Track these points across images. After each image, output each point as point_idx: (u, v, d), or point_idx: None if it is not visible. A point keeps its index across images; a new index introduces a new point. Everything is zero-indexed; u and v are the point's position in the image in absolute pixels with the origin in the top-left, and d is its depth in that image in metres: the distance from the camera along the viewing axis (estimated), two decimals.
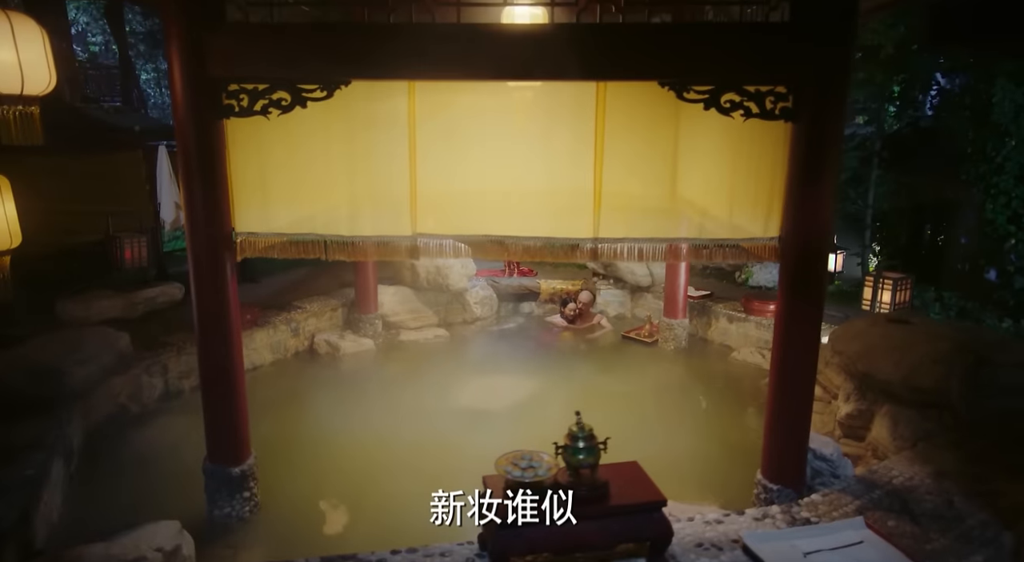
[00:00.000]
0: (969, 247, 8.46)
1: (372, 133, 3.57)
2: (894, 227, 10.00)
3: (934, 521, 3.16)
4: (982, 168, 7.80)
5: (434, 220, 3.63)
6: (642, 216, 3.59)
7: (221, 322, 3.61)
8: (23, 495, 3.40)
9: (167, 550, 3.22)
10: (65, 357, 4.64)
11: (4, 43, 2.82)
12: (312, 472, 4.42)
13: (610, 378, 6.23)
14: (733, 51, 3.23)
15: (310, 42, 3.29)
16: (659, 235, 3.59)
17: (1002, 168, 7.54)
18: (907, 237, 9.82)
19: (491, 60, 3.24)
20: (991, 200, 7.65)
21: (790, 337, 3.57)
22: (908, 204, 9.46)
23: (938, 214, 9.36)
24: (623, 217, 3.58)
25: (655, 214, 3.60)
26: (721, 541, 3.00)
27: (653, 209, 3.60)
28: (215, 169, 3.46)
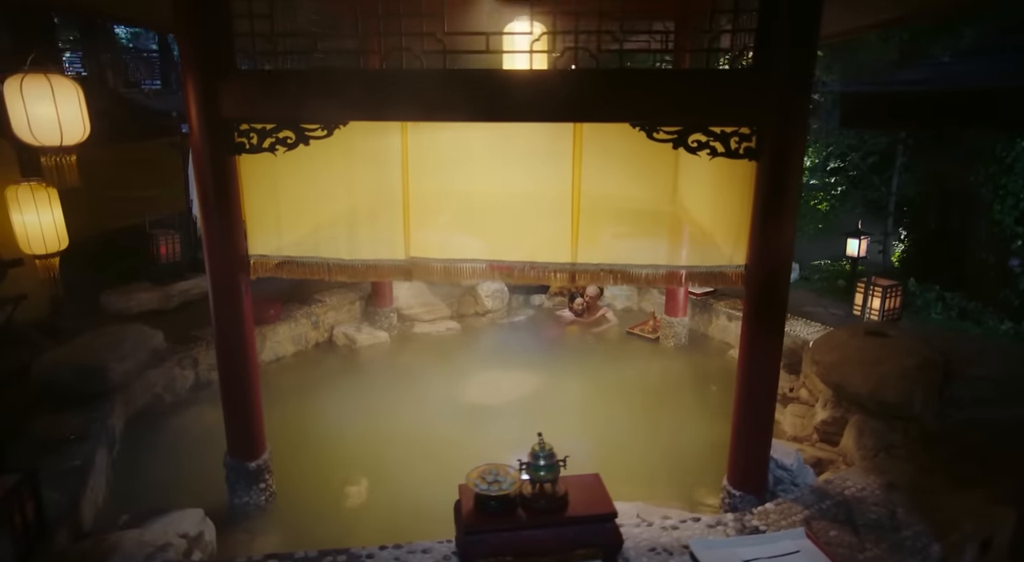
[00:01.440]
0: (977, 245, 8.45)
1: (369, 166, 3.91)
2: (919, 214, 9.96)
3: (873, 531, 3.46)
4: (991, 169, 7.76)
5: (426, 245, 3.98)
6: (617, 243, 3.88)
7: (237, 336, 4.04)
8: (73, 483, 3.93)
9: (191, 536, 3.73)
10: (107, 355, 5.17)
11: (45, 102, 3.23)
12: (326, 461, 4.89)
13: (611, 374, 6.55)
14: (699, 96, 3.45)
15: (310, 88, 3.61)
16: (633, 261, 3.88)
17: (1012, 169, 7.49)
18: (932, 224, 9.76)
19: (474, 103, 3.52)
20: (999, 201, 7.63)
21: (753, 355, 3.85)
22: (933, 191, 9.41)
23: (959, 203, 9.30)
24: (599, 244, 3.87)
25: (629, 242, 3.88)
26: (673, 546, 3.35)
27: (627, 237, 3.88)
28: (229, 199, 3.84)
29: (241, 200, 3.90)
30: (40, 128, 3.30)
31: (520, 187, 3.89)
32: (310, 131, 3.66)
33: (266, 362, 6.54)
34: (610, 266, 3.89)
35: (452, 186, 3.91)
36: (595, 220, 3.85)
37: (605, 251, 3.88)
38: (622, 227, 3.89)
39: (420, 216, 3.95)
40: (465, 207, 3.94)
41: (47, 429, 4.49)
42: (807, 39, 3.36)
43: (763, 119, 3.43)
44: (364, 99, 3.56)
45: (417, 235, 3.97)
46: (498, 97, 3.49)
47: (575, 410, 5.85)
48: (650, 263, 3.88)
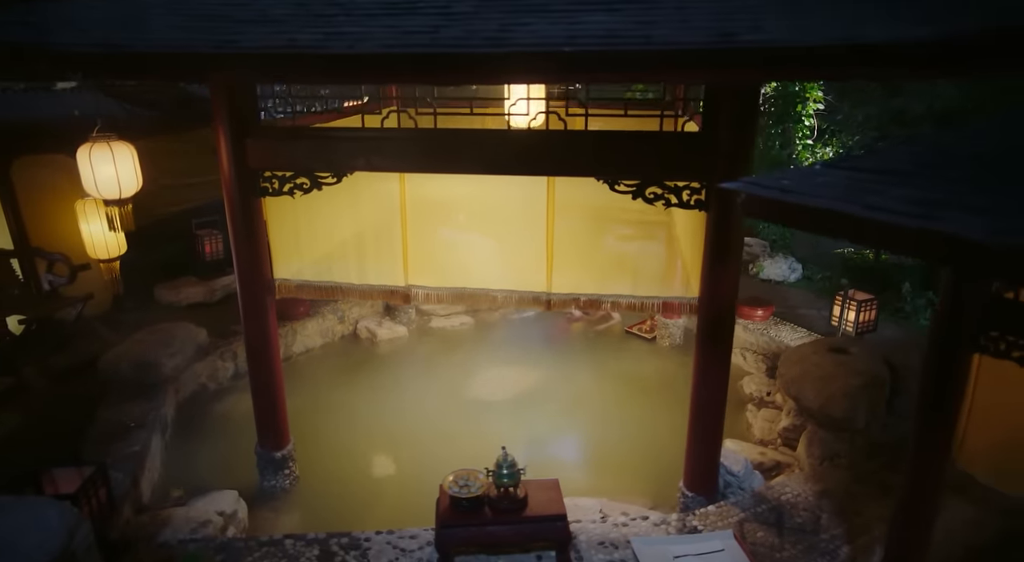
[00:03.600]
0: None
1: (373, 207, 4.53)
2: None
3: (795, 534, 4.02)
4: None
5: (422, 274, 4.60)
6: (585, 276, 4.43)
7: (264, 348, 4.78)
8: (133, 466, 4.76)
9: (228, 514, 4.53)
10: (160, 351, 6.00)
11: (107, 163, 3.95)
12: (344, 447, 5.65)
13: (608, 371, 7.12)
14: (654, 155, 3.94)
15: (321, 144, 4.23)
16: (599, 292, 4.43)
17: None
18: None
19: (460, 159, 4.09)
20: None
21: (704, 374, 4.38)
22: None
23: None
24: (570, 277, 4.43)
25: (596, 275, 4.42)
26: (620, 541, 3.98)
27: (596, 270, 4.42)
28: (256, 233, 4.54)
29: (267, 233, 4.59)
30: (103, 184, 4.02)
31: (502, 227, 4.46)
32: (323, 178, 4.30)
33: (296, 354, 7.36)
34: (580, 295, 4.45)
35: (443, 224, 4.52)
36: (567, 256, 4.40)
37: (575, 282, 4.44)
38: (590, 262, 4.42)
39: (417, 249, 4.57)
40: (455, 243, 4.54)
41: (112, 417, 5.34)
42: (747, 113, 3.81)
43: (711, 175, 3.89)
44: (365, 155, 4.16)
45: (415, 265, 4.59)
46: (479, 154, 4.05)
47: (573, 406, 6.46)
48: (614, 293, 4.42)
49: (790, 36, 2.67)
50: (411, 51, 2.85)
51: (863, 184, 2.55)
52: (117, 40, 3.08)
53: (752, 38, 2.70)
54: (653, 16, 3.00)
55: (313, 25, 3.17)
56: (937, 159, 2.57)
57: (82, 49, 3.03)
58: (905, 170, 2.56)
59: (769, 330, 7.07)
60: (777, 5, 2.97)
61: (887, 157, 2.69)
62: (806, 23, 2.79)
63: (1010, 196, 2.16)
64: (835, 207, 2.43)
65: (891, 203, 2.34)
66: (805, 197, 2.57)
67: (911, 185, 2.44)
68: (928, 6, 2.75)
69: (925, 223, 2.18)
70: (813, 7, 2.92)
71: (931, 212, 2.22)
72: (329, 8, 3.34)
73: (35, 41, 3.09)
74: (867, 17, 2.76)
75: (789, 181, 2.76)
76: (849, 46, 2.57)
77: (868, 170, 2.65)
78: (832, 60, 2.66)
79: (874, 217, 2.30)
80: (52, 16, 3.34)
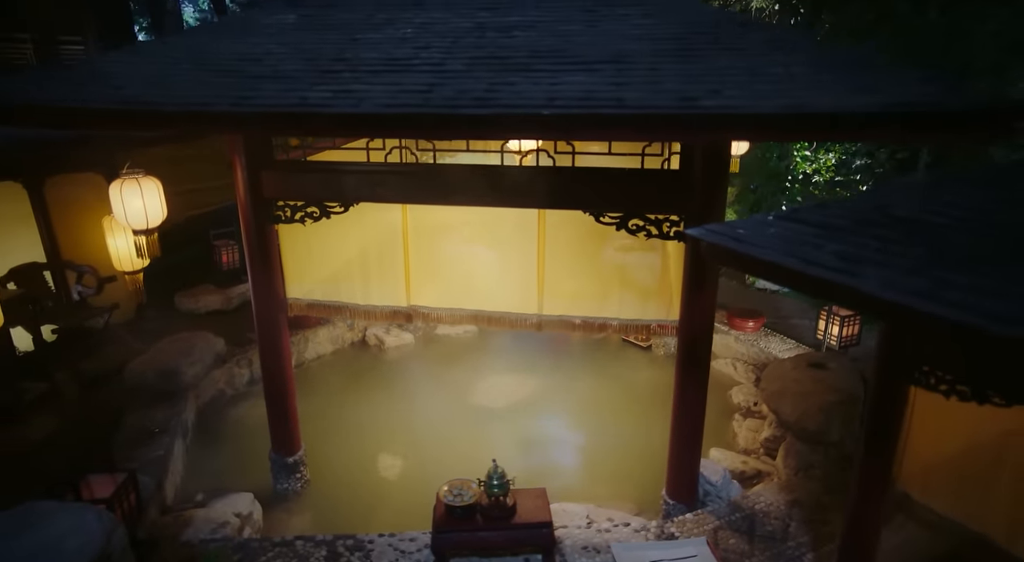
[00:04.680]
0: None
1: (378, 234, 4.89)
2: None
3: (765, 541, 4.34)
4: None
5: (423, 296, 4.96)
6: (575, 300, 4.76)
7: (278, 361, 5.16)
8: (158, 469, 5.17)
9: (244, 515, 4.93)
10: (181, 360, 6.42)
11: (136, 197, 4.34)
12: (353, 450, 6.03)
13: (604, 379, 7.45)
14: (637, 190, 4.26)
15: (330, 177, 4.58)
16: (587, 314, 4.76)
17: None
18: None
19: (457, 192, 4.43)
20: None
21: (684, 391, 4.70)
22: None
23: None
24: (560, 300, 4.77)
25: (584, 298, 4.75)
26: (602, 546, 4.32)
27: (582, 294, 4.75)
28: (271, 256, 4.91)
29: (280, 256, 4.97)
30: (132, 216, 4.41)
31: (496, 253, 4.80)
32: (331, 208, 4.66)
33: (308, 360, 7.77)
34: (569, 317, 4.79)
35: (442, 251, 4.86)
36: (556, 281, 4.74)
37: (565, 305, 4.78)
38: (578, 287, 4.75)
39: (418, 273, 4.92)
40: (453, 268, 4.89)
41: (138, 423, 5.76)
42: (719, 155, 4.12)
43: (688, 209, 4.21)
44: (370, 187, 4.51)
45: (416, 288, 4.95)
46: (474, 188, 4.39)
47: (569, 413, 6.80)
48: (601, 315, 4.75)
49: (743, 103, 2.98)
50: (407, 112, 3.19)
51: (805, 238, 2.87)
52: (147, 98, 3.45)
53: (711, 104, 3.02)
54: (628, 77, 3.32)
55: (322, 82, 3.52)
56: (872, 216, 2.88)
57: (116, 106, 3.40)
58: (843, 226, 2.87)
59: (760, 341, 7.37)
60: (739, 69, 3.28)
61: (830, 212, 3.00)
62: (762, 88, 3.10)
63: (920, 255, 2.46)
64: (778, 260, 2.76)
65: (825, 258, 2.67)
66: (754, 248, 2.90)
67: (845, 241, 2.76)
68: (868, 78, 3.04)
69: (848, 280, 2.51)
70: (770, 72, 3.23)
71: (854, 269, 2.54)
72: (336, 64, 3.70)
73: (75, 98, 3.47)
74: (815, 84, 3.07)
75: (744, 230, 3.09)
76: (794, 115, 2.87)
77: (812, 224, 2.97)
78: (779, 125, 2.98)
79: (807, 271, 2.64)
80: (90, 72, 3.72)
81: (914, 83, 2.96)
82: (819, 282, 2.59)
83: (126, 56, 3.94)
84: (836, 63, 3.20)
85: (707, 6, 4.09)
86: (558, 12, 4.13)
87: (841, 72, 3.14)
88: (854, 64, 3.19)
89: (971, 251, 2.46)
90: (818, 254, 2.71)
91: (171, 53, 3.95)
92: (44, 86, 3.60)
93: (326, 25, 4.22)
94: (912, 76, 3.02)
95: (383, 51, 3.80)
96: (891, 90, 2.94)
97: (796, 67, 3.23)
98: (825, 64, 3.21)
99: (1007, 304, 2.12)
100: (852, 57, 3.26)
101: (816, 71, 3.18)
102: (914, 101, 2.80)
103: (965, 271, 2.34)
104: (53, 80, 3.67)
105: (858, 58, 3.23)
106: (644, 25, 3.84)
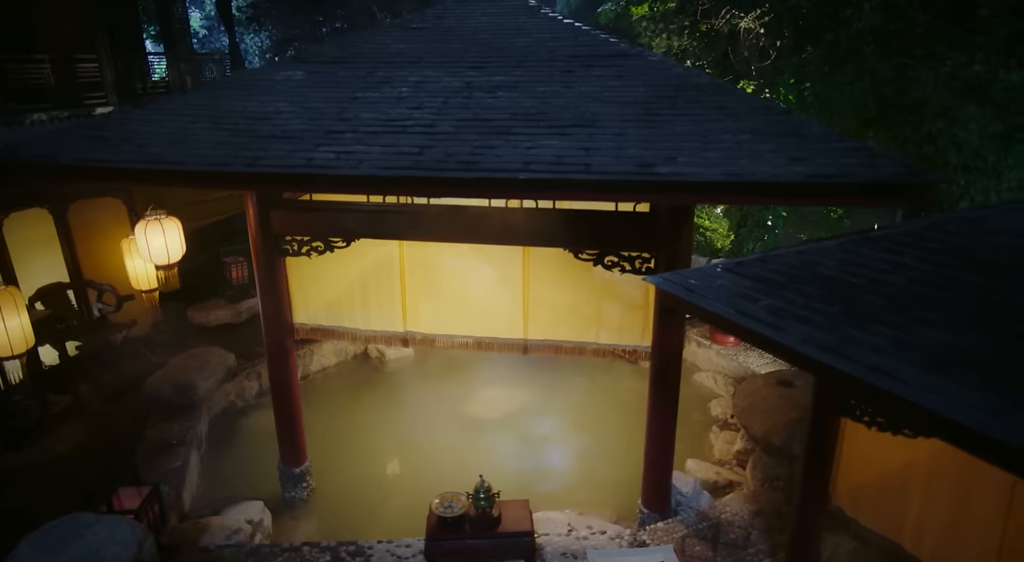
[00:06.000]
0: None
1: (376, 265, 5.34)
2: None
3: (727, 549, 4.78)
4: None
5: (418, 321, 5.42)
6: (557, 326, 5.21)
7: (286, 380, 5.62)
8: (177, 479, 5.64)
9: (255, 522, 5.40)
10: (195, 375, 6.90)
11: (159, 236, 4.81)
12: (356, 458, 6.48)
13: (591, 390, 7.91)
14: (611, 230, 4.69)
15: (333, 215, 5.03)
16: (568, 339, 5.21)
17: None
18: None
19: (448, 230, 4.88)
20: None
21: (655, 410, 5.13)
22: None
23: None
24: (544, 326, 5.22)
25: (566, 325, 5.19)
26: (579, 552, 4.77)
27: (564, 321, 5.19)
28: (279, 285, 5.37)
29: (288, 285, 5.42)
30: (155, 252, 4.89)
31: (485, 284, 5.25)
32: (334, 242, 5.11)
33: (313, 372, 8.23)
34: (552, 342, 5.24)
35: (436, 281, 5.31)
36: (540, 309, 5.19)
37: (548, 330, 5.23)
38: (560, 314, 5.19)
39: (413, 301, 5.38)
40: (446, 296, 5.33)
41: (157, 436, 6.24)
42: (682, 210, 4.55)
43: (658, 247, 4.64)
44: (369, 225, 4.96)
45: (412, 314, 5.41)
46: (463, 227, 4.83)
47: (557, 423, 7.25)
48: (581, 340, 5.20)
49: (692, 171, 3.42)
50: (401, 175, 3.64)
51: (745, 290, 3.32)
52: (172, 157, 3.91)
53: (665, 171, 3.46)
54: (596, 142, 3.76)
55: (326, 142, 3.97)
56: (802, 273, 3.31)
57: (147, 167, 3.86)
58: (778, 281, 3.31)
59: (739, 355, 7.79)
60: (693, 135, 3.71)
61: (768, 267, 3.44)
62: (710, 156, 3.53)
63: (834, 312, 2.89)
64: (720, 311, 3.22)
65: (758, 311, 3.12)
66: (701, 298, 3.36)
67: (777, 295, 3.20)
68: (803, 147, 3.47)
69: (774, 334, 2.96)
70: (720, 139, 3.66)
71: (780, 323, 2.99)
72: (339, 124, 4.15)
73: (102, 158, 3.93)
74: (756, 153, 3.49)
75: (695, 281, 3.54)
76: (733, 183, 3.31)
77: (752, 278, 3.42)
78: (722, 192, 3.42)
79: (743, 323, 3.09)
80: (116, 132, 4.18)
81: (840, 153, 3.38)
82: (752, 333, 3.04)
83: (151, 114, 4.39)
84: (776, 132, 3.63)
85: (672, 67, 4.50)
86: (538, 71, 4.56)
87: (780, 140, 3.57)
88: (792, 132, 3.61)
89: (870, 310, 2.89)
90: (753, 307, 3.16)
91: (191, 111, 4.40)
92: (78, 147, 4.06)
93: (330, 82, 4.67)
94: (840, 146, 3.44)
95: (380, 111, 4.24)
96: (819, 160, 3.36)
97: (743, 134, 3.66)
98: (767, 133, 3.63)
99: (889, 359, 2.57)
100: (791, 124, 3.69)
101: (758, 139, 3.61)
102: (835, 173, 3.23)
103: (864, 329, 2.78)
104: (88, 140, 4.13)
105: (796, 126, 3.65)
106: (614, 87, 4.27)
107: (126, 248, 6.90)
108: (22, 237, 7.11)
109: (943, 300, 2.80)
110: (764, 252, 3.68)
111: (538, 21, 5.27)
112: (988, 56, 5.63)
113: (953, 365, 2.46)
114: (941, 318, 2.71)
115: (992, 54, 5.58)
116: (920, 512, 3.36)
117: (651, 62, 4.55)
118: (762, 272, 3.41)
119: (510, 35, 5.04)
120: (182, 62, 14.86)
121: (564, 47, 4.80)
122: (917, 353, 2.57)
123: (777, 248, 3.80)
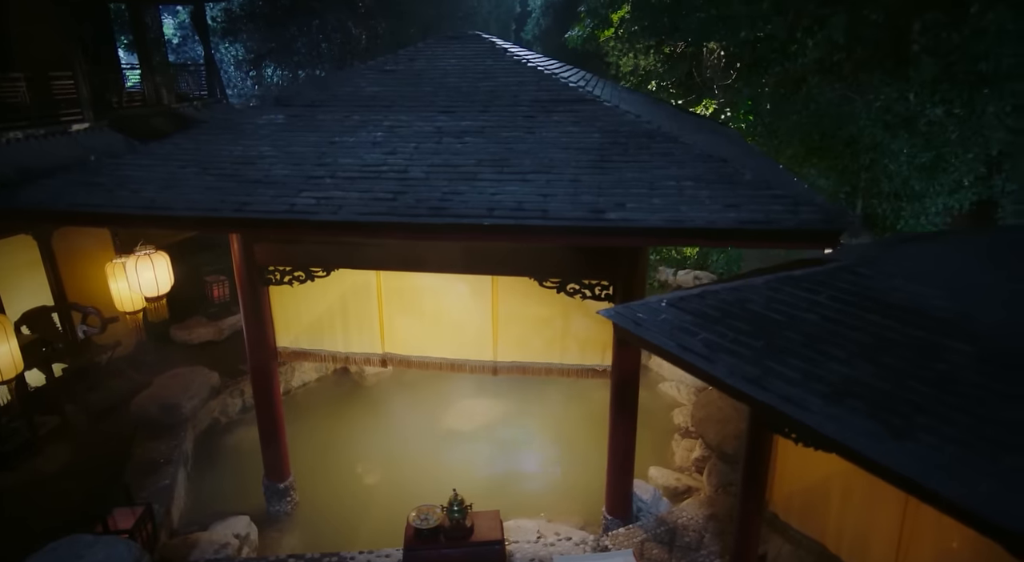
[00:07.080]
0: None
1: (355, 293, 5.68)
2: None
3: (682, 551, 5.21)
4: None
5: (395, 344, 5.77)
6: (524, 348, 5.59)
7: (270, 402, 5.94)
8: (166, 497, 5.93)
9: (242, 536, 5.70)
10: (180, 394, 7.17)
11: (148, 270, 5.11)
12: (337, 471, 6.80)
13: (562, 401, 8.30)
14: (572, 260, 5.09)
15: (313, 248, 5.36)
16: (534, 360, 5.60)
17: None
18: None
19: (421, 261, 5.23)
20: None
21: (616, 424, 5.54)
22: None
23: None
24: (511, 348, 5.61)
25: (532, 346, 5.58)
26: (546, 559, 5.16)
27: (531, 343, 5.58)
28: (263, 312, 5.68)
29: (271, 311, 5.74)
30: (144, 285, 5.18)
31: (457, 310, 5.62)
32: (314, 272, 5.44)
33: (295, 387, 8.53)
34: (520, 363, 5.63)
35: (411, 306, 5.66)
36: (508, 333, 5.57)
37: (516, 353, 5.62)
38: (527, 337, 5.58)
39: (390, 325, 5.73)
40: (421, 320, 5.69)
41: (145, 455, 6.51)
42: None
43: (615, 276, 5.05)
44: (347, 256, 5.30)
45: (389, 337, 5.76)
46: (435, 258, 5.20)
47: (530, 434, 7.64)
48: (546, 361, 5.60)
49: (638, 217, 3.83)
50: (376, 220, 4.00)
51: (685, 325, 3.73)
52: (161, 202, 4.23)
53: (614, 217, 3.86)
54: (553, 188, 4.16)
55: (307, 188, 4.32)
56: (734, 309, 3.73)
57: (133, 211, 4.17)
58: (713, 316, 3.73)
59: None
60: (640, 182, 4.13)
61: (706, 303, 3.85)
62: (655, 202, 3.95)
63: (759, 347, 3.31)
64: (662, 344, 3.62)
65: (695, 344, 3.53)
66: (647, 331, 3.76)
67: (712, 330, 3.61)
68: (737, 194, 3.90)
69: (707, 366, 3.37)
70: (665, 185, 4.08)
71: (712, 356, 3.40)
72: (318, 170, 4.49)
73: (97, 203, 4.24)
74: (695, 199, 3.92)
75: (643, 315, 3.95)
76: (674, 229, 3.73)
77: (692, 312, 3.83)
78: (664, 235, 3.83)
79: (683, 356, 3.50)
80: (111, 177, 4.48)
81: (767, 200, 3.82)
82: (689, 365, 3.45)
83: (143, 159, 4.70)
84: (714, 179, 4.06)
85: (623, 113, 4.91)
86: (503, 116, 4.95)
87: (718, 187, 4.00)
88: (727, 180, 4.04)
89: (788, 345, 3.32)
90: (691, 341, 3.57)
91: (180, 155, 4.71)
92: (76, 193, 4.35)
93: (310, 125, 5.01)
94: (767, 194, 3.88)
95: (357, 156, 4.60)
96: (750, 207, 3.80)
97: (685, 181, 4.09)
98: (706, 179, 4.06)
99: (800, 390, 2.99)
100: (727, 172, 4.12)
101: (698, 185, 4.03)
102: (762, 219, 3.67)
103: (782, 362, 3.21)
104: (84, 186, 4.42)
105: (731, 174, 4.08)
106: (572, 133, 4.67)
107: (110, 271, 7.15)
108: (7, 263, 7.32)
109: (847, 337, 3.24)
110: (703, 287, 4.09)
111: (503, 64, 5.65)
112: (917, 91, 6.14)
113: (849, 396, 2.89)
114: (843, 353, 3.14)
115: (920, 89, 6.09)
116: (839, 516, 3.80)
117: (606, 108, 4.97)
118: (700, 307, 3.83)
119: (477, 79, 5.42)
120: (157, 75, 14.96)
121: (527, 92, 5.20)
122: (822, 384, 3.00)
123: (714, 284, 4.23)
